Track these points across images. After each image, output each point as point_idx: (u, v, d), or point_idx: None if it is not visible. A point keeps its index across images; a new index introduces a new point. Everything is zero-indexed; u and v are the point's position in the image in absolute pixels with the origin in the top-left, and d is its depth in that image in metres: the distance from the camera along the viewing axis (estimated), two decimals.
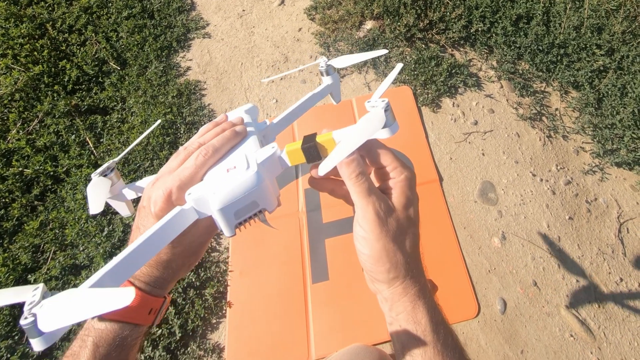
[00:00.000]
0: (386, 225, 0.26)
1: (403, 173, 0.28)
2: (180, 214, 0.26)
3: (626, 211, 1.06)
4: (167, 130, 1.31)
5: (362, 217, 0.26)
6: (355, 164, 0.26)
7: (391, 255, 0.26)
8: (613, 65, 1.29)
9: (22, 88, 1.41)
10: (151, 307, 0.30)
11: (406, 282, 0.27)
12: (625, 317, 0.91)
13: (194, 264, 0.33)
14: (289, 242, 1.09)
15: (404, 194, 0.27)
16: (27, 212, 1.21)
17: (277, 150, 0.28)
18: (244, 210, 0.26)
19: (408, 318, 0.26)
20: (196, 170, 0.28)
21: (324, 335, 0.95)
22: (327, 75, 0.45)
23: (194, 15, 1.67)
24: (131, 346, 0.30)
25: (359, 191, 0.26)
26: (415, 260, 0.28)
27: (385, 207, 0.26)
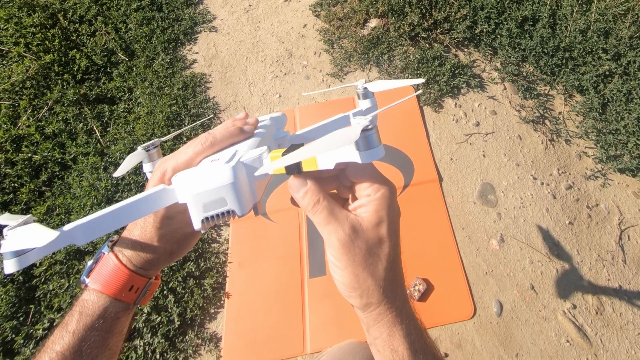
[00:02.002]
0: (353, 250, 0.23)
1: (379, 190, 0.24)
2: (162, 192, 0.24)
3: (627, 218, 0.95)
4: (172, 122, 1.21)
5: (328, 245, 0.24)
6: (309, 195, 0.24)
7: (361, 281, 0.23)
8: (619, 70, 1.15)
9: (33, 76, 1.31)
10: (132, 284, 0.29)
11: (380, 308, 0.24)
12: (624, 325, 0.82)
13: (176, 255, 0.31)
14: (288, 237, 1.00)
15: (376, 212, 0.24)
16: (35, 197, 1.12)
17: (264, 153, 0.25)
18: (212, 204, 0.23)
19: (385, 345, 0.24)
20: (193, 156, 0.27)
21: (319, 330, 0.87)
22: (364, 99, 0.39)
23: (201, 9, 1.53)
24: (113, 319, 0.28)
25: (318, 221, 0.24)
26: (392, 282, 0.24)
27: (350, 231, 0.23)
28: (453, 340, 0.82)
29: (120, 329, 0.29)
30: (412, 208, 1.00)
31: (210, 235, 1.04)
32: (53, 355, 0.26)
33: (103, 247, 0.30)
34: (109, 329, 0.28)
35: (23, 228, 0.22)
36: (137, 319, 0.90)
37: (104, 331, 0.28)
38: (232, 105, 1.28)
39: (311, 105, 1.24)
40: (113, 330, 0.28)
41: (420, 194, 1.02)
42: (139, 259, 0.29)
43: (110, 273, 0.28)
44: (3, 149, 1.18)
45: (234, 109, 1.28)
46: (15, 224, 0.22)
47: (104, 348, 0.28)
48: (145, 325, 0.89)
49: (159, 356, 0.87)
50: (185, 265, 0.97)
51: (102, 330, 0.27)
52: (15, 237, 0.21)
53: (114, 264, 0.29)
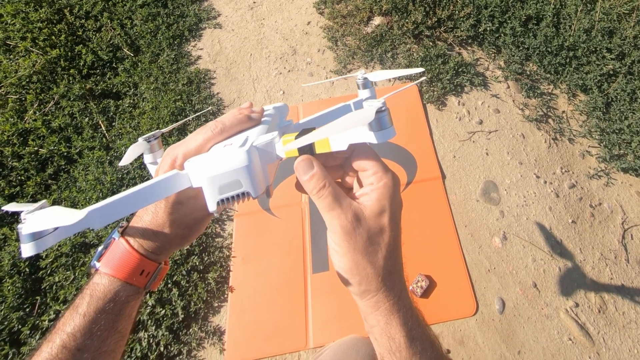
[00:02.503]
0: (354, 237, 0.23)
1: (382, 180, 0.24)
2: (175, 176, 0.24)
3: (631, 217, 0.93)
4: (176, 117, 1.18)
5: (330, 230, 0.24)
6: (316, 179, 0.24)
7: (360, 268, 0.23)
8: (623, 70, 1.12)
9: (40, 71, 1.28)
10: (143, 268, 0.29)
11: (378, 296, 0.24)
12: (626, 324, 0.80)
13: (187, 239, 0.30)
14: (291, 232, 0.98)
15: (379, 201, 0.23)
16: (41, 190, 1.10)
17: (275, 138, 0.25)
18: (227, 186, 0.23)
19: (382, 333, 0.24)
20: (203, 143, 0.26)
21: (322, 325, 0.85)
22: (363, 89, 0.39)
23: (206, 5, 1.50)
24: (124, 303, 0.28)
25: (322, 206, 0.24)
26: (390, 272, 0.24)
27: (353, 218, 0.23)
28: (455, 337, 0.80)
29: (129, 312, 0.29)
30: (415, 205, 0.97)
31: (214, 230, 1.03)
32: (64, 336, 0.26)
33: (113, 233, 0.30)
34: (119, 312, 0.28)
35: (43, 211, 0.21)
36: (141, 311, 0.88)
37: (114, 314, 0.27)
38: (237, 101, 1.25)
39: (315, 102, 1.22)
40: (123, 313, 0.28)
41: (423, 191, 1.00)
42: (150, 244, 0.29)
43: (121, 257, 0.28)
44: (10, 143, 1.16)
45: (238, 105, 1.25)
46: (33, 209, 0.22)
47: (113, 331, 0.28)
48: (149, 318, 0.88)
49: (163, 348, 0.85)
50: (189, 259, 0.95)
51: (112, 314, 0.27)
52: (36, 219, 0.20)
53: (125, 248, 0.28)
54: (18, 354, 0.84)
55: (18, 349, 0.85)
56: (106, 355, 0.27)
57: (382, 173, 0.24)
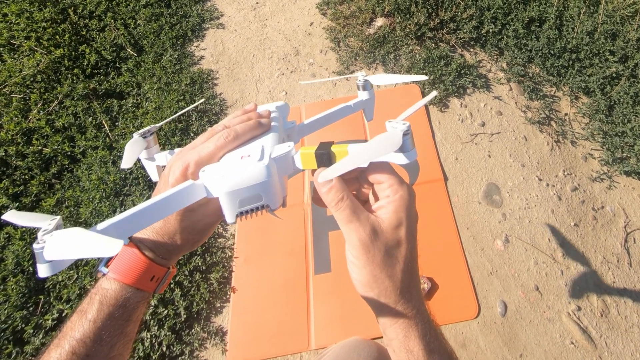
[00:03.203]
0: (372, 250, 0.22)
1: (398, 192, 0.23)
2: (191, 187, 0.23)
3: (634, 221, 0.90)
4: (179, 117, 1.15)
5: (348, 243, 0.23)
6: (334, 192, 0.23)
7: (379, 282, 0.23)
8: (626, 73, 1.09)
9: (44, 70, 1.25)
10: (153, 274, 0.28)
11: (397, 309, 0.23)
12: (629, 328, 0.77)
13: (198, 243, 0.30)
14: (294, 233, 0.95)
15: (396, 214, 0.23)
16: (44, 189, 1.08)
17: (292, 149, 0.25)
18: (247, 200, 0.23)
19: (400, 346, 0.23)
20: (215, 151, 0.26)
21: (324, 326, 0.83)
22: (363, 90, 0.40)
23: (209, 5, 1.47)
24: (134, 308, 0.28)
25: (340, 218, 0.23)
26: (409, 284, 0.23)
27: (371, 231, 0.23)
28: (457, 340, 0.78)
29: (137, 316, 0.29)
30: (417, 207, 0.93)
31: (216, 230, 1.00)
32: (73, 342, 0.25)
33: None
34: (128, 317, 0.27)
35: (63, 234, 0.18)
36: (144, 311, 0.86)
37: (124, 320, 0.27)
38: (239, 101, 1.22)
39: (317, 103, 1.19)
40: (132, 318, 0.28)
41: (425, 193, 0.97)
42: (160, 249, 0.28)
43: (131, 263, 0.27)
44: (14, 142, 1.13)
45: (241, 105, 1.22)
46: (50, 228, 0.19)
47: (122, 336, 0.27)
48: (152, 318, 0.86)
49: (165, 349, 0.83)
50: (191, 260, 0.93)
51: (121, 319, 0.27)
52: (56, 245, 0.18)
53: (135, 254, 0.28)
54: (22, 353, 0.82)
55: (22, 348, 0.83)
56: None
57: (398, 185, 0.23)
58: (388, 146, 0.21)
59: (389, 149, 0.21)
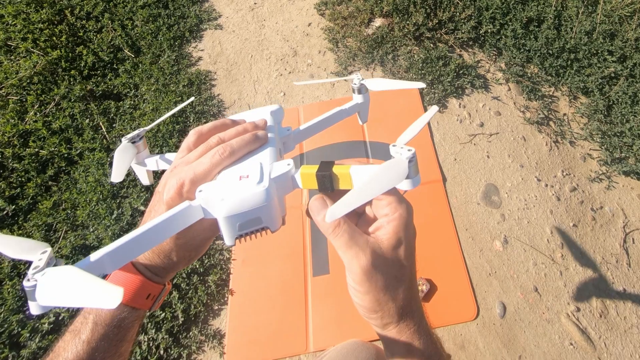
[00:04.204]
0: (375, 276, 0.22)
1: (397, 211, 0.23)
2: (187, 209, 0.23)
3: (632, 221, 0.90)
4: (176, 119, 1.15)
5: (349, 270, 0.23)
6: None
7: (383, 305, 0.23)
8: (625, 73, 1.09)
9: (41, 71, 1.25)
10: (149, 292, 0.28)
11: (400, 326, 0.23)
12: (628, 329, 0.77)
13: (194, 259, 0.29)
14: (292, 234, 0.95)
15: (396, 234, 0.23)
16: (41, 191, 1.08)
17: (292, 169, 0.24)
18: (247, 224, 0.22)
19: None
20: (211, 168, 0.25)
21: (322, 328, 0.83)
22: (358, 94, 0.38)
23: (207, 6, 1.47)
24: (128, 328, 0.27)
25: (338, 245, 0.23)
26: (410, 301, 0.23)
27: (372, 256, 0.22)
28: (456, 342, 0.78)
29: (132, 335, 0.28)
30: (415, 208, 0.93)
31: None
32: None
33: None
34: (123, 337, 0.27)
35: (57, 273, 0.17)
36: None
37: (118, 340, 0.27)
38: (237, 102, 1.22)
39: (315, 104, 1.19)
40: (126, 338, 0.28)
41: (423, 194, 0.97)
42: (155, 267, 0.28)
43: (126, 282, 0.27)
44: (10, 144, 1.13)
45: (239, 106, 1.22)
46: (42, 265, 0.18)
47: (116, 355, 0.27)
48: (149, 321, 0.85)
49: (162, 352, 0.83)
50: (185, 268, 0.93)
51: (116, 339, 0.27)
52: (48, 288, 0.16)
53: (130, 273, 0.27)
54: (18, 357, 0.82)
55: (18, 352, 0.82)
56: None
57: (397, 203, 0.23)
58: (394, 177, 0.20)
59: (395, 180, 0.20)
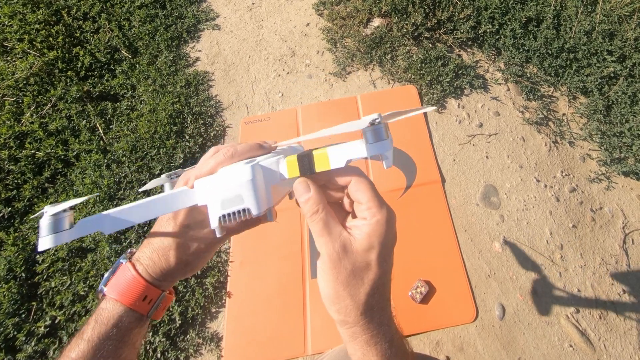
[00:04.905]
0: (338, 267, 0.23)
1: (375, 216, 0.23)
2: (183, 192, 0.25)
3: (632, 222, 0.90)
4: (174, 120, 1.15)
5: (320, 256, 0.24)
6: (310, 204, 0.24)
7: (340, 299, 0.23)
8: (624, 73, 1.09)
9: (37, 73, 1.25)
10: (146, 294, 0.29)
11: (355, 328, 0.23)
12: (627, 330, 0.77)
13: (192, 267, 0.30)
14: (290, 236, 0.95)
15: (369, 238, 0.23)
16: (37, 193, 1.07)
17: (280, 158, 0.26)
18: (229, 202, 0.24)
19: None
20: (215, 166, 0.27)
21: (320, 331, 0.82)
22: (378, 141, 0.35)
23: (204, 6, 1.47)
24: (127, 329, 0.28)
25: (313, 230, 0.24)
26: (372, 306, 0.23)
27: (340, 248, 0.23)
28: (455, 344, 0.78)
29: (132, 340, 0.29)
30: (414, 209, 0.94)
31: None
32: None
33: (121, 258, 0.30)
34: (122, 338, 0.28)
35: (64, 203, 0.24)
36: None
37: (117, 340, 0.27)
38: (235, 103, 1.22)
39: (314, 105, 1.18)
40: (126, 340, 0.28)
41: (422, 195, 0.97)
42: (155, 268, 0.29)
43: (126, 281, 0.28)
44: (6, 146, 1.12)
45: (237, 107, 1.22)
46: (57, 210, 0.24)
47: (117, 358, 0.28)
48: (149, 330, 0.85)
49: (160, 355, 0.82)
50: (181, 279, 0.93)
51: (115, 340, 0.27)
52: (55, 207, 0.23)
53: (130, 272, 0.29)
54: None
55: (14, 356, 0.82)
56: None
57: (377, 209, 0.23)
58: (354, 126, 0.22)
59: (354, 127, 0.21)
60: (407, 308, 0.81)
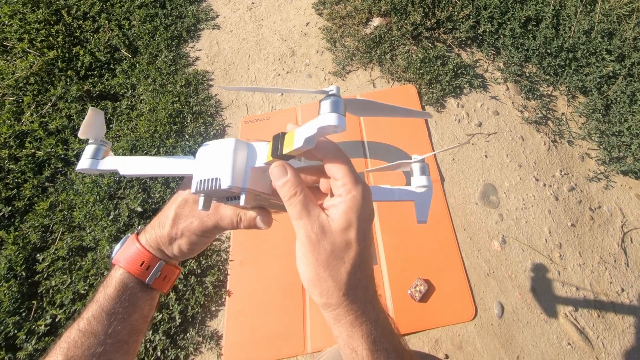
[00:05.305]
0: (318, 249, 0.22)
1: (350, 192, 0.23)
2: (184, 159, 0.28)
3: (630, 220, 0.91)
4: (174, 119, 1.15)
5: (297, 239, 0.24)
6: (287, 187, 0.23)
7: (322, 281, 0.23)
8: (623, 72, 1.09)
9: (37, 72, 1.25)
10: (143, 259, 0.30)
11: (339, 310, 0.23)
12: (626, 329, 0.78)
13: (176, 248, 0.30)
14: (289, 235, 0.96)
15: (346, 215, 0.23)
16: (37, 192, 1.08)
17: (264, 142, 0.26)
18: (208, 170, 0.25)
19: (345, 345, 0.24)
20: None
21: (320, 329, 0.83)
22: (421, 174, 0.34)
23: (204, 6, 1.47)
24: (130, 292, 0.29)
25: (291, 213, 0.24)
26: (355, 286, 0.23)
27: (319, 230, 0.23)
28: (454, 342, 0.78)
29: (140, 307, 0.30)
30: (413, 208, 0.95)
31: None
32: (80, 321, 0.29)
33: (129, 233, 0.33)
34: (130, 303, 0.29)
35: None
36: None
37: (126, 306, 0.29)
38: (235, 103, 1.23)
39: (314, 104, 1.19)
40: (133, 304, 0.29)
41: None
42: (153, 236, 0.30)
43: (126, 248, 0.30)
44: (7, 145, 1.13)
45: (237, 106, 1.22)
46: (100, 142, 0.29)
47: (125, 322, 0.29)
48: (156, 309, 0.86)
49: (160, 353, 0.83)
50: (186, 263, 0.93)
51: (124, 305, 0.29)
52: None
53: (130, 239, 0.31)
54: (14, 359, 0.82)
55: (14, 354, 0.82)
56: (118, 346, 0.28)
57: (352, 185, 0.23)
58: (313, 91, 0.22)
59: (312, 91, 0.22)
60: (406, 306, 0.82)
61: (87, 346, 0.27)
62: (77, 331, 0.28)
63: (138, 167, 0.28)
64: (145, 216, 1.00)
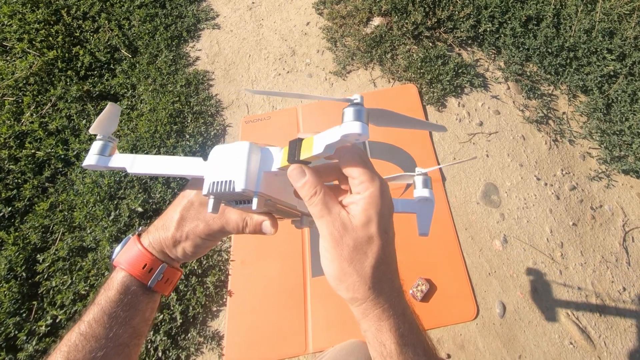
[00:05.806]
0: (341, 245, 0.23)
1: (368, 189, 0.23)
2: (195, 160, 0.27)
3: (632, 219, 0.91)
4: (174, 119, 1.16)
5: (321, 237, 0.24)
6: (307, 187, 0.24)
7: (347, 276, 0.23)
8: (624, 71, 1.09)
9: (37, 72, 1.25)
10: (145, 262, 0.30)
11: (367, 304, 0.24)
12: (627, 328, 0.78)
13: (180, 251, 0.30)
14: (291, 235, 0.96)
15: (365, 211, 0.23)
16: (38, 193, 1.08)
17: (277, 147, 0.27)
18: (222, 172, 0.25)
19: (373, 338, 0.24)
20: None
21: (321, 329, 0.83)
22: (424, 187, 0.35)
23: (204, 5, 1.47)
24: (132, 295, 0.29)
25: (313, 212, 0.24)
26: (380, 279, 0.24)
27: (341, 226, 0.23)
28: (456, 342, 0.78)
29: (141, 309, 0.30)
30: None
31: None
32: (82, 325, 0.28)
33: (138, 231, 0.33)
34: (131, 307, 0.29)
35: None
36: None
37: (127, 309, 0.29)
38: (235, 102, 1.23)
39: (314, 104, 1.19)
40: (135, 307, 0.29)
41: None
42: (156, 238, 0.30)
43: (127, 250, 0.30)
44: (7, 145, 1.13)
45: (237, 106, 1.22)
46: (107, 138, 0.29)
47: (127, 326, 0.29)
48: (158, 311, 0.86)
49: (161, 354, 0.83)
50: (187, 264, 0.93)
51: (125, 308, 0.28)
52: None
53: (131, 240, 0.31)
54: None
55: (15, 355, 0.82)
56: (119, 349, 0.28)
57: (369, 182, 0.23)
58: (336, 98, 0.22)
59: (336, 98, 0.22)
60: None
61: (88, 350, 0.27)
62: (77, 334, 0.27)
63: (146, 166, 0.27)
64: (146, 216, 1.00)
